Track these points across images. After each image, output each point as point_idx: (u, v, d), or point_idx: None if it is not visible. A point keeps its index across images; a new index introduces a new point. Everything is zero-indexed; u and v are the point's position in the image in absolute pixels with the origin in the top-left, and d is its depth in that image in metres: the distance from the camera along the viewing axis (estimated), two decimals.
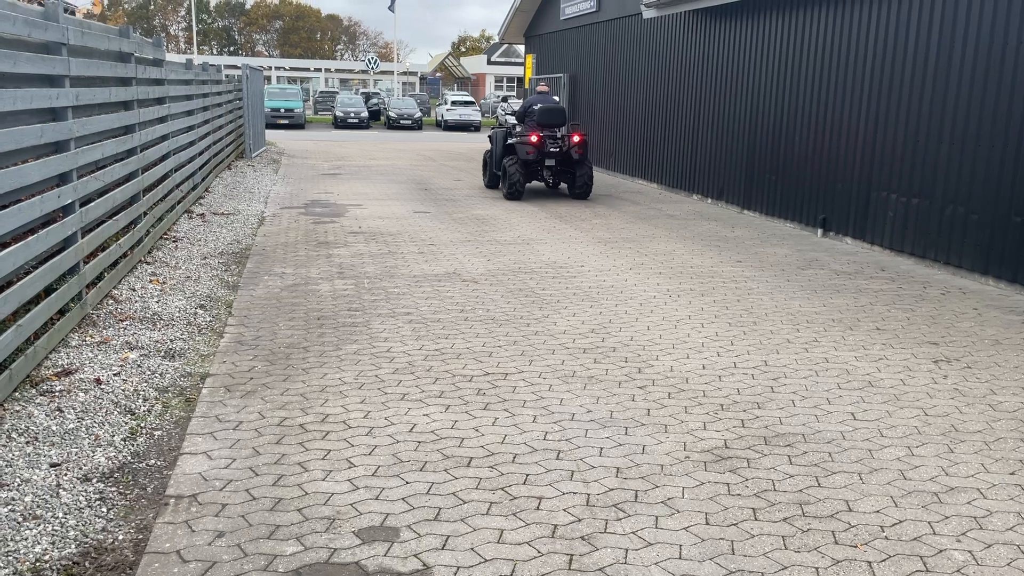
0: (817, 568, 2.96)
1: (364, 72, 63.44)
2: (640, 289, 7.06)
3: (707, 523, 3.25)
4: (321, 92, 51.50)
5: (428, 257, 8.27)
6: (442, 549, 3.04)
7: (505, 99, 46.72)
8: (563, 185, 13.60)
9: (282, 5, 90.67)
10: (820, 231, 9.99)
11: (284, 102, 33.86)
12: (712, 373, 4.98)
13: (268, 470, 3.61)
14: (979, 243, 7.65)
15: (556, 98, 14.32)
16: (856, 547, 3.10)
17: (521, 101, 42.64)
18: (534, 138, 12.15)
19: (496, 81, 67.25)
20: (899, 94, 8.62)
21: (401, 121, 37.03)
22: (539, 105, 12.73)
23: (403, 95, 52.07)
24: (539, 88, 13.59)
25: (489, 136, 13.73)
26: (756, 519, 3.29)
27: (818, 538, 3.16)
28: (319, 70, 67.26)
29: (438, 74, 73.94)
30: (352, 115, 36.09)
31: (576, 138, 12.32)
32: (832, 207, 9.81)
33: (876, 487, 3.57)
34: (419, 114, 37.82)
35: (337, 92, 48.76)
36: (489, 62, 66.70)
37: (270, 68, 60.63)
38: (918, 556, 3.04)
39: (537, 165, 12.53)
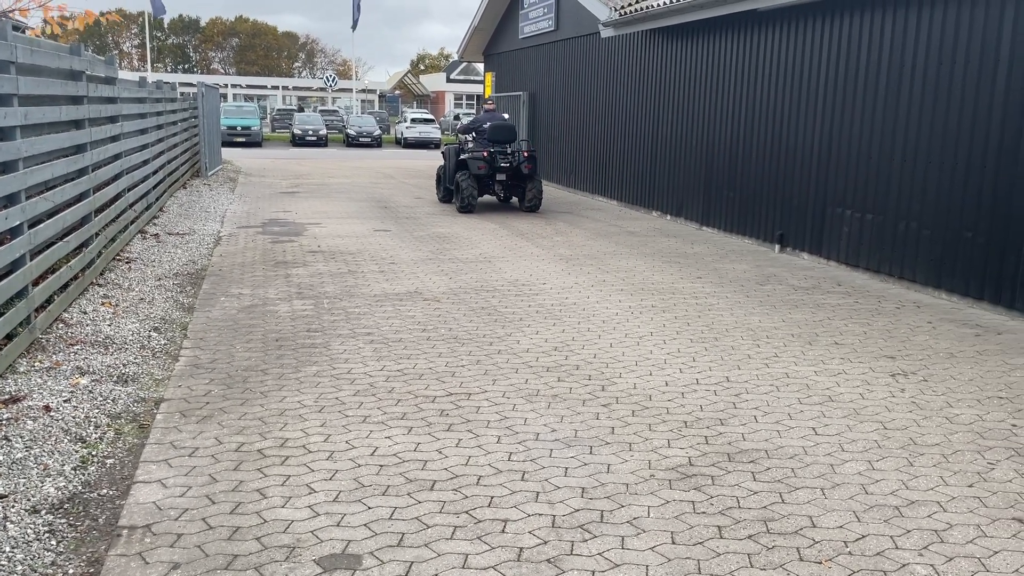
0: None
1: (322, 90, 63.11)
2: (602, 306, 7.07)
3: (673, 542, 3.23)
4: (279, 110, 51.11)
5: (389, 276, 8.20)
6: None
7: (457, 116, 46.69)
8: (514, 199, 14.08)
9: (238, 22, 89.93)
10: (778, 247, 10.14)
11: (241, 120, 33.53)
12: (675, 390, 4.99)
13: (225, 498, 3.51)
14: (931, 257, 7.82)
15: (506, 115, 15.27)
16: (821, 563, 3.10)
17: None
18: (485, 154, 12.83)
19: (456, 99, 67.38)
20: (851, 113, 8.80)
21: (360, 139, 36.91)
22: (489, 123, 13.35)
23: (362, 113, 51.95)
24: (487, 106, 14.41)
25: (442, 152, 14.24)
26: (722, 537, 3.28)
27: (783, 555, 3.16)
28: (276, 88, 66.78)
29: (397, 92, 73.89)
30: (310, 133, 35.87)
31: (526, 153, 13.03)
32: (789, 223, 9.96)
33: (839, 502, 3.60)
34: (378, 132, 37.73)
35: (295, 110, 48.42)
36: (448, 80, 66.93)
37: (226, 86, 59.98)
38: (881, 571, 3.06)
39: (489, 179, 13.20)
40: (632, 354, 5.70)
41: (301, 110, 44.31)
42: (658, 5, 11.66)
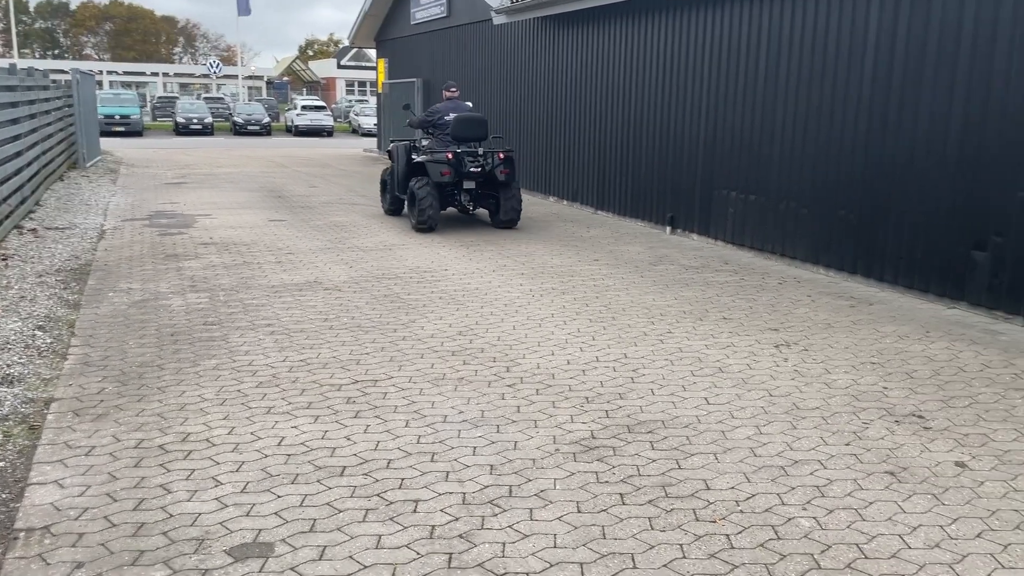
0: (681, 544, 3.14)
1: (206, 76, 60.77)
2: (504, 290, 7.19)
3: (579, 511, 3.38)
4: (159, 97, 48.93)
5: (287, 266, 8.07)
6: (319, 560, 3.00)
7: (351, 107, 45.73)
8: (479, 210, 11.03)
9: (112, 6, 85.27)
10: (669, 229, 10.52)
11: (119, 108, 31.95)
12: (576, 368, 5.16)
13: (127, 495, 3.43)
14: (810, 235, 8.30)
15: (469, 104, 11.71)
16: (715, 522, 3.31)
17: (372, 104, 42.00)
18: (450, 156, 9.79)
19: (347, 85, 66.14)
20: (734, 100, 9.20)
21: (249, 127, 35.83)
22: (453, 114, 10.34)
23: (249, 100, 50.32)
24: (447, 92, 10.95)
25: (388, 151, 11.18)
26: (624, 503, 3.45)
27: (681, 517, 3.35)
28: (156, 74, 63.79)
29: (285, 78, 71.88)
30: (195, 121, 34.57)
31: (501, 155, 10.00)
32: (679, 206, 10.35)
33: (730, 465, 3.83)
34: (267, 119, 36.72)
35: (177, 97, 46.47)
36: (339, 66, 65.60)
37: (101, 73, 56.84)
38: (770, 526, 3.29)
39: (454, 188, 10.20)
40: (534, 335, 5.84)
41: (201, 96, 42.64)
42: None
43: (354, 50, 57.80)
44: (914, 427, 4.29)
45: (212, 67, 54.00)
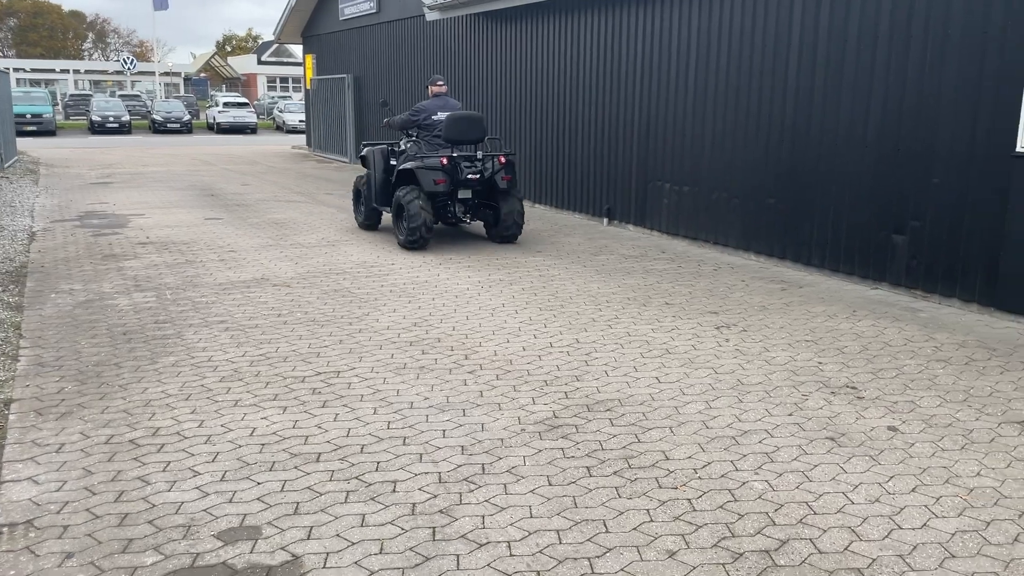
0: (648, 510, 3.37)
1: (120, 73, 58.74)
2: (453, 282, 7.34)
3: (550, 484, 3.57)
4: (71, 95, 47.13)
5: (231, 264, 8.03)
6: (308, 539, 3.12)
7: (275, 103, 44.83)
8: (473, 222, 9.65)
9: (16, 1, 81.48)
10: (606, 220, 10.82)
11: (30, 107, 30.66)
12: (532, 354, 5.35)
13: (106, 488, 3.47)
14: (741, 224, 8.70)
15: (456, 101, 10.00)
16: (677, 488, 3.55)
17: (293, 101, 41.25)
18: (445, 162, 8.57)
19: (269, 81, 64.91)
20: (667, 94, 9.54)
21: (168, 125, 34.84)
22: (442, 113, 9.10)
23: (167, 97, 48.92)
24: (434, 88, 9.47)
25: (362, 156, 9.92)
26: (591, 475, 3.66)
27: (645, 485, 3.58)
28: (67, 71, 61.37)
29: (204, 75, 70.05)
30: (111, 119, 33.43)
31: (502, 159, 8.82)
32: (615, 198, 10.66)
33: (685, 437, 4.08)
34: (188, 117, 35.77)
35: (91, 95, 44.82)
36: (260, 62, 64.29)
37: (8, 70, 54.40)
38: (727, 490, 3.55)
39: (446, 198, 8.93)
40: (488, 324, 6.01)
41: (114, 93, 41.18)
42: None
43: (275, 46, 56.74)
44: (849, 397, 4.63)
45: (126, 64, 52.23)
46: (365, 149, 9.90)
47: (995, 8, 6.18)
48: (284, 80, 64.53)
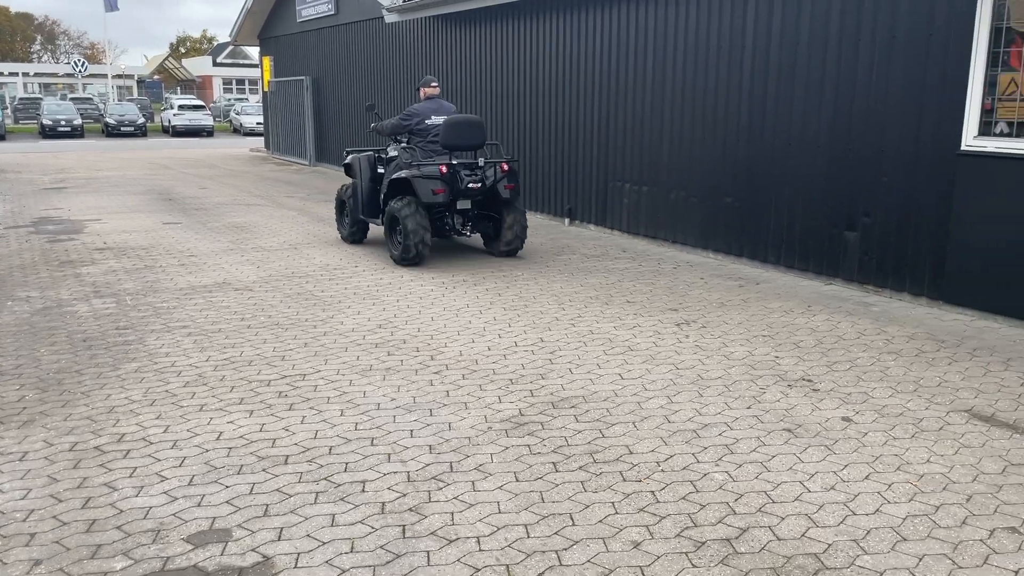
0: (613, 502, 3.45)
1: (71, 76, 57.54)
2: (417, 284, 7.37)
3: (517, 480, 3.64)
4: (21, 99, 46.06)
5: (191, 268, 7.97)
6: (279, 540, 3.14)
7: (232, 105, 44.20)
8: (471, 234, 8.67)
9: None
10: (567, 220, 10.93)
11: None
12: (497, 353, 5.42)
13: (72, 495, 3.46)
14: (699, 222, 8.86)
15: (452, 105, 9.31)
16: (640, 481, 3.64)
17: (251, 103, 40.72)
18: (444, 170, 7.91)
19: (225, 83, 64.06)
20: (625, 95, 9.68)
21: (122, 128, 34.25)
22: (436, 116, 8.42)
23: (120, 100, 48.05)
24: (427, 90, 8.72)
25: (346, 164, 9.25)
26: (557, 471, 3.74)
27: (610, 479, 3.67)
28: (16, 74, 59.91)
29: (157, 77, 68.88)
30: (63, 123, 32.81)
31: (505, 166, 8.19)
32: (576, 198, 10.77)
33: (648, 431, 4.18)
34: (142, 120, 35.22)
35: (41, 98, 43.85)
36: (215, 64, 63.43)
37: None
38: (689, 482, 3.65)
39: (444, 210, 8.30)
40: (453, 325, 6.06)
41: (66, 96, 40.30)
42: None
43: (231, 47, 56.04)
44: (805, 390, 4.78)
45: (77, 66, 51.17)
46: (349, 156, 9.26)
47: (938, 10, 6.40)
48: (241, 82, 63.75)
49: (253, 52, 51.79)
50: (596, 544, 3.13)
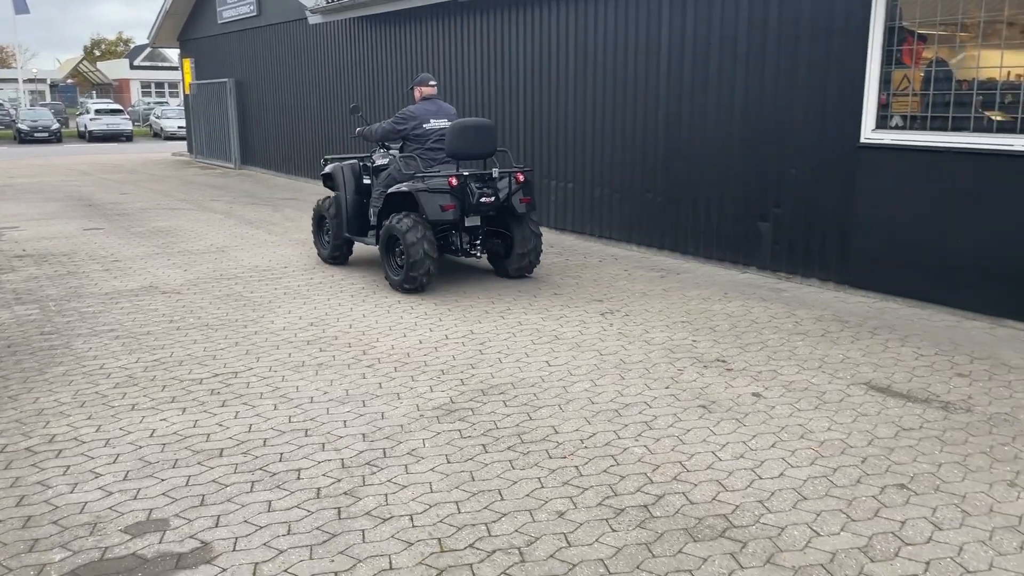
0: (539, 478, 3.65)
1: None
2: (348, 282, 7.45)
3: (448, 462, 3.81)
4: None
5: (116, 273, 7.88)
6: (216, 527, 3.24)
7: (151, 109, 42.90)
8: (475, 253, 7.43)
9: None
10: None
11: None
12: (429, 346, 5.57)
13: (5, 494, 3.48)
14: (622, 217, 9.17)
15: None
16: (565, 458, 3.85)
17: (171, 105, 39.62)
18: (454, 182, 6.81)
19: (143, 87, 62.29)
20: (549, 95, 9.92)
21: (36, 134, 33.08)
22: (436, 120, 7.42)
23: (32, 105, 46.31)
24: (424, 89, 7.62)
25: (326, 173, 8.19)
26: (487, 452, 3.92)
27: (537, 457, 3.86)
28: None
29: (71, 81, 66.58)
30: None
31: (520, 177, 7.15)
32: None
33: (573, 413, 4.40)
34: (56, 125, 34.07)
35: None
36: (132, 66, 61.70)
37: None
38: (610, 456, 3.88)
39: (451, 226, 7.23)
40: (385, 321, 6.18)
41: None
42: None
43: (148, 49, 54.57)
44: (719, 369, 5.07)
45: None
46: (329, 166, 8.15)
47: (837, 12, 6.81)
48: (160, 85, 62.12)
49: (173, 54, 50.56)
50: (523, 516, 3.32)
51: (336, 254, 8.12)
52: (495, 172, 7.08)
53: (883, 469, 3.72)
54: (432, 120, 7.41)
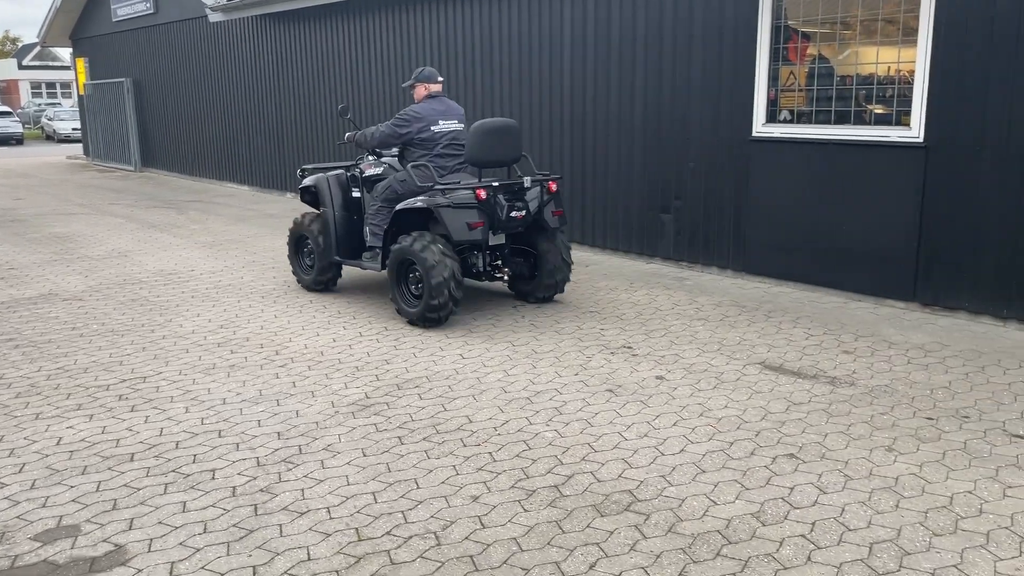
0: (454, 466, 3.77)
1: None
2: (259, 284, 7.39)
3: (365, 455, 3.88)
4: None
5: (11, 281, 7.59)
6: (130, 530, 3.23)
7: (43, 111, 40.76)
8: (497, 275, 6.45)
9: None
10: None
11: None
12: (343, 344, 5.60)
13: None
14: None
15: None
16: (479, 445, 3.98)
17: (66, 106, 37.71)
18: (482, 195, 5.81)
19: (33, 87, 59.27)
20: (455, 96, 10.03)
21: None
22: (446, 122, 6.37)
23: None
24: (430, 86, 6.54)
25: (306, 188, 7.12)
26: (402, 443, 4.01)
27: (452, 446, 3.98)
28: None
29: None
30: None
31: (553, 186, 6.21)
32: None
33: (486, 402, 4.53)
34: None
35: None
36: (21, 66, 58.60)
37: None
38: (523, 442, 4.02)
39: (475, 248, 6.19)
40: (297, 321, 6.18)
41: None
42: None
43: (38, 48, 52.01)
44: (625, 355, 5.29)
45: None
46: (310, 177, 7.05)
47: (727, 11, 7.14)
48: (52, 86, 59.22)
49: (65, 53, 48.31)
50: (439, 502, 3.43)
51: (322, 279, 6.94)
52: (527, 181, 6.10)
53: (775, 441, 3.99)
54: (441, 122, 6.35)
